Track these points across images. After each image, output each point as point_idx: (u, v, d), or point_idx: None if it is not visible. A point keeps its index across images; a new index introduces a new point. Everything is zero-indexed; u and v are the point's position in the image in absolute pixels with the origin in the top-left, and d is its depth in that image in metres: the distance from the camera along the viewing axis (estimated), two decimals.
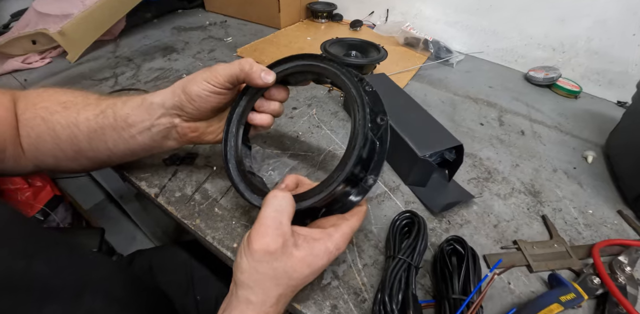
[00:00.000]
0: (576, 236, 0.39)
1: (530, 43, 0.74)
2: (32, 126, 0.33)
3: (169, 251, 0.62)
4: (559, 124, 0.60)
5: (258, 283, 0.24)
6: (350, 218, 0.27)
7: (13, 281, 0.24)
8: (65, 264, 0.30)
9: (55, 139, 0.33)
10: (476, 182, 0.44)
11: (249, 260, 0.23)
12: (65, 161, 0.36)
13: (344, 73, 0.29)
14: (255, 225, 0.24)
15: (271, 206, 0.25)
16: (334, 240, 0.25)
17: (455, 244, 0.31)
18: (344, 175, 0.25)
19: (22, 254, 0.26)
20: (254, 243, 0.23)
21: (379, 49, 0.61)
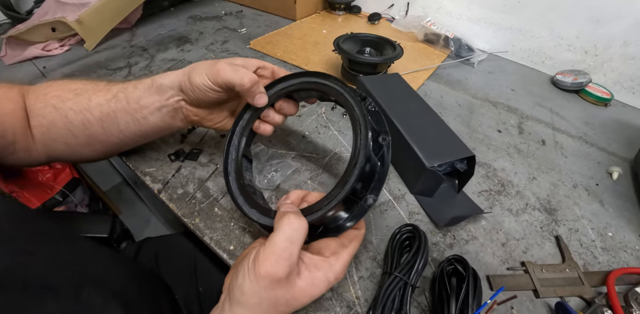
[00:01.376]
0: (591, 261, 0.36)
1: (560, 44, 0.69)
2: (44, 115, 0.34)
3: (175, 240, 0.63)
4: (584, 134, 0.56)
5: (256, 307, 0.23)
6: (349, 245, 0.27)
7: (12, 277, 0.25)
8: (65, 259, 0.31)
9: (68, 125, 0.35)
10: (487, 195, 0.42)
11: (253, 284, 0.23)
12: (77, 147, 0.37)
13: (347, 92, 0.29)
14: (266, 250, 0.23)
15: (285, 234, 0.24)
16: (335, 270, 0.25)
17: (457, 264, 0.29)
18: (343, 194, 0.25)
19: (22, 251, 0.26)
20: (261, 268, 0.23)
21: (394, 46, 0.58)
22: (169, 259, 0.58)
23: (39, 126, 0.35)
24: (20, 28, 0.67)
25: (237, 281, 0.24)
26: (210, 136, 0.47)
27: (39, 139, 0.35)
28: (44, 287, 0.27)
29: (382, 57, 0.56)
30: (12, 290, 0.25)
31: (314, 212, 0.26)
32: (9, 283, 0.25)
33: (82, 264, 0.33)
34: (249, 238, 0.35)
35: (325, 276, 0.25)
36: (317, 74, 0.32)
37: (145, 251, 0.60)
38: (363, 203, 0.26)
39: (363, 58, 0.54)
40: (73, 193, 1.04)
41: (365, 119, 0.27)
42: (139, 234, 1.28)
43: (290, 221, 0.24)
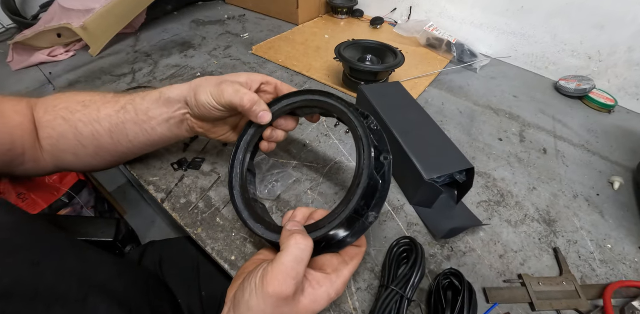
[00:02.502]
0: (589, 273, 0.36)
1: (564, 49, 0.69)
2: (54, 127, 0.36)
3: (179, 245, 0.64)
4: (587, 142, 0.56)
5: None
6: (350, 262, 0.28)
7: (22, 288, 0.26)
8: (70, 269, 0.32)
9: (77, 137, 0.36)
10: (487, 205, 0.42)
11: (260, 301, 0.24)
12: (85, 158, 0.38)
13: (351, 111, 0.30)
14: (275, 270, 0.24)
15: (292, 255, 0.25)
16: (336, 287, 0.26)
17: (453, 278, 0.30)
18: (347, 213, 0.26)
19: (30, 262, 0.27)
20: (269, 287, 0.23)
21: (396, 53, 0.58)
22: (172, 263, 0.59)
23: (48, 138, 0.36)
24: (26, 34, 0.68)
25: (244, 297, 0.24)
26: (213, 145, 0.47)
27: (48, 150, 0.37)
28: (52, 296, 0.28)
29: (383, 66, 0.56)
30: (22, 300, 0.26)
31: (318, 229, 0.27)
32: (19, 293, 0.26)
33: (86, 272, 0.34)
34: (251, 248, 0.35)
35: (327, 292, 0.25)
36: (320, 93, 0.33)
37: (150, 255, 0.61)
38: (364, 220, 0.27)
39: (364, 66, 0.54)
40: (79, 195, 1.05)
41: (368, 139, 0.27)
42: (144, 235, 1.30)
43: (298, 241, 0.25)
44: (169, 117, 0.36)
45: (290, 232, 0.26)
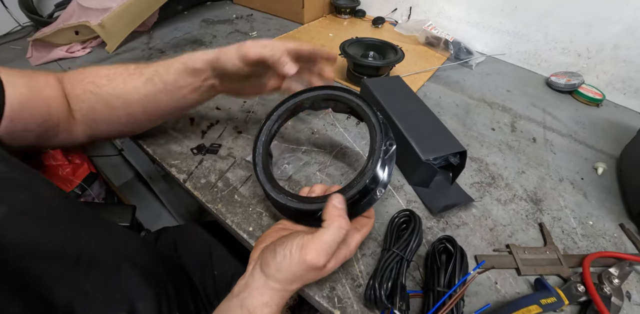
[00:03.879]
0: (571, 246, 0.40)
1: (555, 47, 0.73)
2: (84, 100, 0.38)
3: (191, 229, 0.68)
4: (574, 132, 0.60)
5: (287, 280, 0.28)
6: (362, 229, 0.32)
7: (66, 252, 0.30)
8: (105, 238, 0.35)
9: (108, 108, 0.39)
10: (479, 186, 0.46)
11: (293, 265, 0.27)
12: (118, 126, 0.41)
13: (366, 105, 0.36)
14: (315, 243, 0.28)
15: (334, 235, 0.28)
16: (350, 249, 0.30)
17: (447, 243, 0.34)
18: (362, 184, 0.31)
19: (73, 230, 0.31)
20: (307, 256, 0.27)
21: (396, 50, 0.62)
22: (186, 246, 0.63)
23: (79, 110, 0.38)
24: (45, 31, 0.72)
25: (275, 259, 0.28)
26: (229, 132, 0.51)
27: (81, 121, 0.39)
28: (90, 262, 0.31)
29: (385, 61, 0.60)
30: (67, 262, 0.30)
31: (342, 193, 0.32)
32: (65, 257, 0.30)
33: (117, 244, 0.37)
34: (267, 220, 0.39)
35: (344, 254, 0.30)
36: (342, 89, 0.38)
37: (164, 239, 0.64)
38: (373, 194, 0.32)
39: (367, 62, 0.58)
40: (91, 187, 1.09)
41: (380, 128, 0.33)
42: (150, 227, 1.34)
43: (342, 225, 0.29)
44: (198, 86, 0.39)
45: (337, 210, 0.29)
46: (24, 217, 0.27)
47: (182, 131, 0.51)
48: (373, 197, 0.32)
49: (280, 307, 0.28)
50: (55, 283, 0.28)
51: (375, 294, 0.29)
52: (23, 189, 0.29)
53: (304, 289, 0.33)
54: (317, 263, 0.27)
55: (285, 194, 0.34)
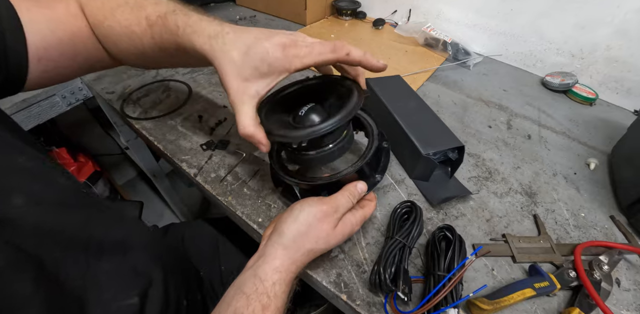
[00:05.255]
0: (564, 236, 0.43)
1: (550, 48, 0.75)
2: (107, 34, 0.35)
3: (199, 225, 0.69)
4: (568, 130, 0.62)
5: (298, 240, 0.31)
6: (365, 207, 0.35)
7: (78, 240, 0.31)
8: (114, 227, 0.37)
9: (136, 50, 0.35)
10: (476, 180, 0.48)
11: (302, 222, 0.31)
12: (151, 64, 0.41)
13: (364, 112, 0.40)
14: (326, 199, 0.32)
15: (346, 196, 0.33)
16: (357, 220, 0.34)
17: (446, 231, 0.36)
18: (359, 165, 0.34)
19: (84, 217, 0.32)
20: (321, 206, 0.31)
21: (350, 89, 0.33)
22: (193, 241, 0.64)
23: (107, 43, 0.35)
24: None
25: (286, 222, 0.31)
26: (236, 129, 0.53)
27: (112, 51, 0.36)
28: (100, 248, 0.32)
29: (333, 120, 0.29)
30: (80, 249, 0.31)
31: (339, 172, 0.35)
32: (78, 243, 0.31)
33: (126, 232, 0.38)
34: (275, 212, 0.41)
35: (350, 223, 0.33)
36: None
37: (172, 234, 0.66)
38: (373, 179, 0.36)
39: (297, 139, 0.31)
40: (95, 185, 1.11)
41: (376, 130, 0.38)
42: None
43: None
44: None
45: (351, 185, 0.34)
46: (39, 206, 0.28)
47: (191, 128, 0.53)
48: (373, 181, 0.36)
49: (289, 274, 0.30)
50: (68, 269, 0.29)
51: (380, 278, 0.31)
52: (39, 178, 0.30)
53: (312, 276, 0.35)
54: (328, 211, 0.30)
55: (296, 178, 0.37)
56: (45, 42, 0.31)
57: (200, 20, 0.30)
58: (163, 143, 0.51)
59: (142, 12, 0.32)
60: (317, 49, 0.28)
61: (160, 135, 0.52)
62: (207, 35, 0.29)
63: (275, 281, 0.29)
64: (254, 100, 0.29)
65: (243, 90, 0.29)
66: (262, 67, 0.28)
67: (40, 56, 0.31)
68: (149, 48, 0.34)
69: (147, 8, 0.32)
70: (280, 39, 0.28)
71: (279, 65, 0.28)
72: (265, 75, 0.29)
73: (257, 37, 0.28)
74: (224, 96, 0.61)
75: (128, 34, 0.33)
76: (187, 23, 0.30)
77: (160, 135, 0.52)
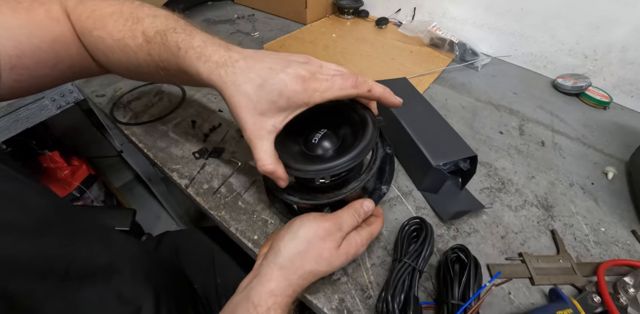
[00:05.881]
0: (584, 253, 0.39)
1: (561, 49, 0.72)
2: (97, 47, 0.32)
3: (194, 235, 0.66)
4: (582, 136, 0.59)
5: (295, 262, 0.28)
6: (371, 225, 0.32)
7: (56, 267, 0.28)
8: (97, 249, 0.33)
9: (130, 63, 0.32)
10: (488, 192, 0.45)
11: (301, 241, 0.28)
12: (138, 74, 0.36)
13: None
14: (329, 215, 0.30)
15: (351, 214, 0.30)
16: (362, 240, 0.31)
17: (460, 253, 0.33)
18: (366, 179, 0.31)
19: (64, 242, 0.29)
20: (323, 223, 0.29)
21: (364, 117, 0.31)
22: (188, 252, 0.61)
23: (96, 53, 0.33)
24: None
25: (283, 240, 0.29)
26: (231, 136, 0.50)
27: (102, 62, 0.34)
28: (81, 275, 0.29)
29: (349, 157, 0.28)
30: (55, 278, 0.28)
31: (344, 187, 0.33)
32: (54, 272, 0.27)
33: (111, 253, 0.35)
34: (272, 228, 0.38)
35: (354, 243, 0.30)
36: None
37: (166, 244, 0.63)
38: (378, 192, 0.34)
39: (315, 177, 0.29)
40: (89, 189, 1.08)
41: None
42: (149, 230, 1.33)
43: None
44: None
45: (358, 202, 0.31)
46: (9, 234, 0.25)
47: (183, 134, 0.50)
48: (379, 194, 0.35)
49: (285, 298, 0.27)
50: (44, 301, 0.26)
51: (388, 307, 0.28)
52: (10, 200, 0.27)
53: (312, 301, 0.32)
54: (331, 228, 0.28)
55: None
56: (19, 49, 0.28)
57: (205, 43, 0.28)
58: (153, 151, 0.48)
59: (138, 26, 0.30)
60: (338, 83, 0.27)
61: (151, 142, 0.49)
62: (214, 63, 0.27)
63: (270, 306, 0.26)
64: (272, 135, 0.28)
65: (260, 125, 0.27)
66: (280, 101, 0.26)
67: (13, 64, 0.28)
68: (145, 64, 0.31)
69: (144, 21, 0.30)
70: (297, 71, 0.27)
71: (297, 99, 0.26)
72: (283, 109, 0.27)
73: (272, 67, 0.27)
74: (219, 99, 0.58)
75: (121, 47, 0.31)
76: (190, 45, 0.28)
77: (150, 142, 0.49)
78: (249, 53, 0.28)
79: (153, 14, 0.30)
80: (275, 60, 0.27)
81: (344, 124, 0.34)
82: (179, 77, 0.32)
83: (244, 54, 0.28)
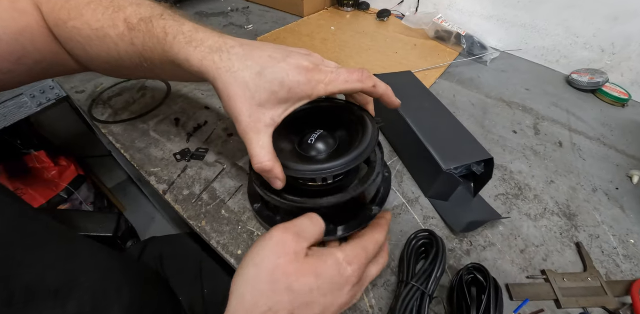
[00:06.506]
0: (614, 269, 0.35)
1: (576, 42, 0.67)
2: (72, 39, 0.29)
3: (181, 241, 0.62)
4: (602, 135, 0.54)
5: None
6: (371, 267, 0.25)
7: (10, 291, 0.24)
8: (55, 266, 0.29)
9: (110, 56, 0.29)
10: (504, 199, 0.40)
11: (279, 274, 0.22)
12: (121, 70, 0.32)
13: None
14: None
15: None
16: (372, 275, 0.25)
17: (477, 274, 0.28)
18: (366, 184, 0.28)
19: (12, 260, 0.25)
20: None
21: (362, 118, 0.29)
22: (174, 260, 0.57)
23: (73, 47, 0.29)
24: None
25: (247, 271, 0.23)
26: (217, 135, 0.45)
27: (80, 56, 0.30)
28: (29, 298, 0.25)
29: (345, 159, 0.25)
30: (11, 304, 0.24)
31: None
32: (11, 297, 0.24)
33: (73, 269, 0.31)
34: None
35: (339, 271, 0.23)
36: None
37: (150, 251, 0.59)
38: (369, 212, 0.31)
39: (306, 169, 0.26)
40: (78, 190, 1.03)
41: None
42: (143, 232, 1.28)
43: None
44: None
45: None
46: None
47: (165, 133, 0.45)
48: (369, 215, 0.31)
49: None
50: None
51: None
52: None
53: None
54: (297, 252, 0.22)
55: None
56: None
57: (196, 29, 0.25)
58: (131, 152, 0.43)
59: (119, 14, 0.27)
60: (343, 76, 0.25)
61: (129, 142, 0.44)
62: (207, 48, 0.24)
63: None
64: (270, 129, 0.25)
65: (258, 117, 0.24)
66: (281, 92, 0.24)
67: None
68: (126, 56, 0.28)
69: (127, 9, 0.27)
70: (300, 61, 0.24)
71: (300, 90, 0.24)
72: (284, 101, 0.24)
73: (272, 56, 0.24)
74: (206, 95, 0.53)
75: (100, 38, 0.27)
76: (179, 30, 0.25)
77: (128, 142, 0.44)
78: (245, 41, 0.25)
79: (137, 3, 0.28)
80: (276, 50, 0.25)
81: (340, 125, 0.31)
82: (165, 70, 0.28)
83: (241, 41, 0.25)
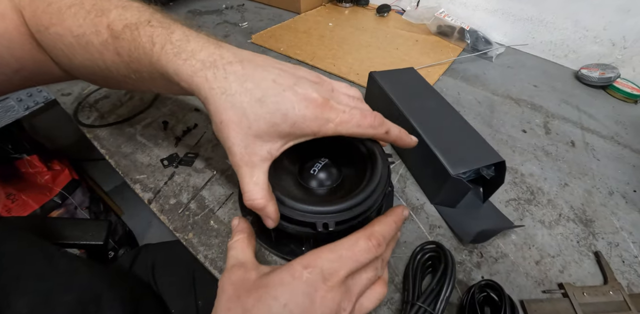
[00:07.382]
0: (636, 281, 0.32)
1: (585, 36, 0.64)
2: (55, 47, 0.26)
3: (174, 249, 0.59)
4: (615, 134, 0.51)
5: None
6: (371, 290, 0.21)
7: None
8: (29, 288, 0.28)
9: (95, 66, 0.26)
10: (516, 204, 0.38)
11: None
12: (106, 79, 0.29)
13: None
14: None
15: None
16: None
17: (490, 291, 0.25)
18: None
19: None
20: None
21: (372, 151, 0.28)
22: (166, 269, 0.54)
23: (58, 55, 0.27)
24: None
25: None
26: (207, 139, 0.43)
27: (65, 65, 0.28)
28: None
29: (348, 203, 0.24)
30: None
31: None
32: None
33: (46, 291, 0.29)
34: None
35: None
36: None
37: (142, 260, 0.56)
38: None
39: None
40: (72, 195, 1.01)
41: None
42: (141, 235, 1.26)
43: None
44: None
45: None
46: None
47: (152, 137, 0.43)
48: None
49: None
50: None
51: None
52: None
53: None
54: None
55: None
56: None
57: (187, 37, 0.22)
58: (116, 158, 0.40)
59: (102, 19, 0.23)
60: (356, 119, 0.22)
61: (114, 147, 0.42)
62: (199, 61, 0.21)
63: None
64: (266, 163, 0.22)
65: (253, 150, 0.21)
66: (283, 125, 0.21)
67: None
68: (113, 66, 0.25)
69: (111, 13, 0.24)
70: (308, 92, 0.21)
71: (305, 126, 0.21)
72: (284, 135, 0.22)
73: (276, 80, 0.21)
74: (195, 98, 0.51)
75: (83, 46, 0.25)
76: (167, 39, 0.22)
77: (114, 147, 0.42)
78: (246, 55, 0.22)
79: (122, 5, 0.24)
80: (281, 73, 0.22)
81: (348, 155, 0.29)
82: (156, 83, 0.25)
83: (240, 55, 0.22)
